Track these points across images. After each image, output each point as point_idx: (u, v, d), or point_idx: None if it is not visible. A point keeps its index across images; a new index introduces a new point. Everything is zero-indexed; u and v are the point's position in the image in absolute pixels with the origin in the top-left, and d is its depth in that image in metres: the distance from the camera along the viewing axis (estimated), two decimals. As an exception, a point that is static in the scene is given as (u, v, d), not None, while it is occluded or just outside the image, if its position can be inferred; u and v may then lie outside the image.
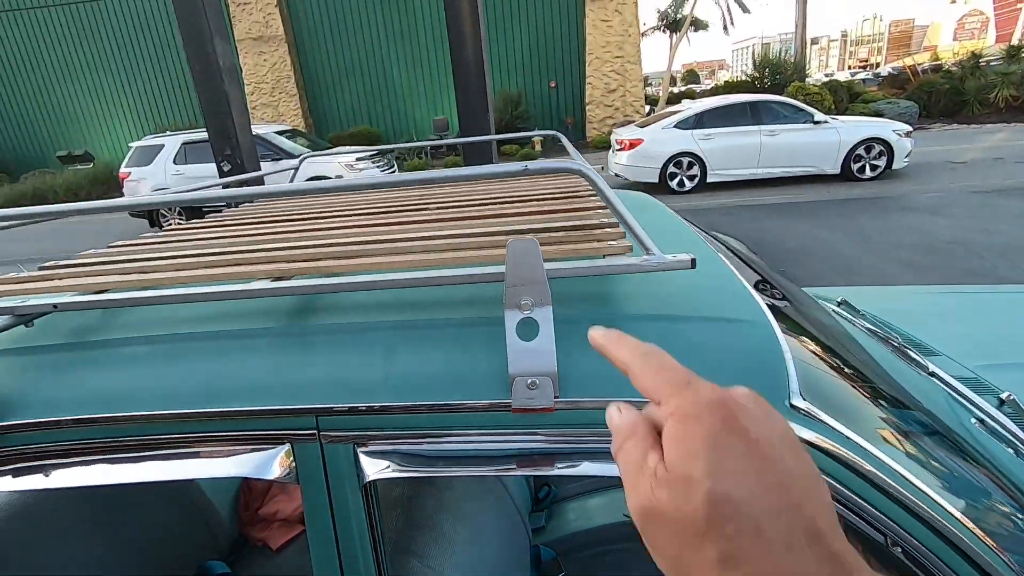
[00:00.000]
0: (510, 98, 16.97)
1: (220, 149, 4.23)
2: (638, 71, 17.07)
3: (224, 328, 0.75)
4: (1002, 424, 1.02)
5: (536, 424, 0.65)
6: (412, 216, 1.06)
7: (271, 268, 0.79)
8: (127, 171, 9.04)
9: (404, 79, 17.67)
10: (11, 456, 0.71)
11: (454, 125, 17.45)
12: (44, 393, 0.71)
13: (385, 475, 0.66)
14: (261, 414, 0.67)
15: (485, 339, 0.68)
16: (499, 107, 16.98)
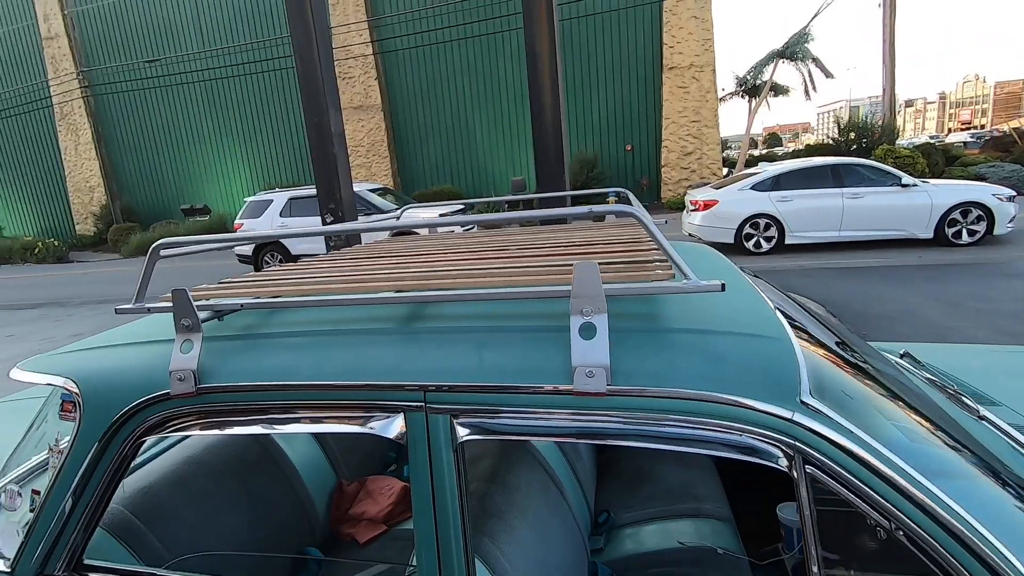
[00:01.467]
0: (586, 160, 17.51)
1: (326, 203, 4.78)
2: (715, 134, 17.19)
3: (357, 327, 1.00)
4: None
5: (591, 406, 0.84)
6: (495, 254, 1.30)
7: (393, 284, 1.04)
8: (240, 222, 10.15)
9: (485, 140, 18.71)
10: (209, 409, 0.97)
11: (531, 184, 18.20)
12: (232, 366, 0.98)
13: (473, 438, 0.86)
14: (383, 388, 0.90)
15: (552, 341, 0.88)
16: (575, 169, 17.56)
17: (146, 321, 1.30)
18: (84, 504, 1.03)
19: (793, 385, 0.80)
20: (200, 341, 0.99)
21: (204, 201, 20.52)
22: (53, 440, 1.13)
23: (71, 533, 1.04)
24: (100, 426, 1.02)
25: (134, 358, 1.07)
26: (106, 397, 1.03)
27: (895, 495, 0.75)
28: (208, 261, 14.18)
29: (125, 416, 1.01)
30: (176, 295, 0.99)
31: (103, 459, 1.02)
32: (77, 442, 1.04)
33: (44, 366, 1.14)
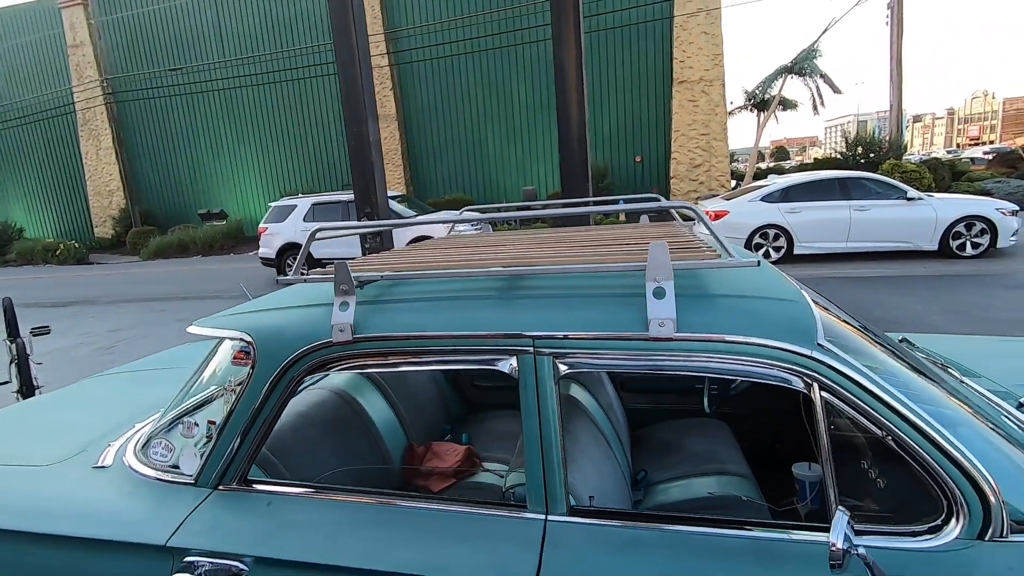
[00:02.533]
0: (597, 170, 17.81)
1: (362, 207, 5.11)
2: (723, 147, 17.49)
3: (471, 293, 1.30)
4: (1010, 414, 1.36)
5: (661, 348, 1.13)
6: (564, 244, 1.60)
7: (498, 262, 1.34)
8: (265, 226, 10.53)
9: (497, 151, 19.06)
10: (361, 352, 1.27)
11: (541, 194, 18.55)
12: (377, 321, 1.28)
13: (571, 372, 1.16)
14: (500, 337, 1.20)
15: (625, 303, 1.18)
16: (586, 179, 17.96)
17: (293, 290, 1.60)
18: (256, 430, 1.33)
19: (811, 332, 1.09)
20: (354, 302, 1.29)
21: (220, 206, 20.98)
22: (226, 381, 1.43)
23: (244, 454, 1.34)
24: (272, 369, 1.32)
25: (296, 317, 1.37)
26: (276, 346, 1.33)
27: (885, 410, 1.04)
28: (221, 265, 14.56)
29: (292, 360, 1.31)
30: (338, 267, 1.29)
31: (273, 394, 1.32)
32: (252, 382, 1.33)
33: (219, 323, 1.44)
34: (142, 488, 1.41)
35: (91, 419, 1.90)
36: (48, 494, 1.45)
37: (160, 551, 1.28)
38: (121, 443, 1.64)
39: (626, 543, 1.11)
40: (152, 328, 7.62)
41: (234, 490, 1.34)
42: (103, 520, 1.35)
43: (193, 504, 1.33)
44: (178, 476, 1.41)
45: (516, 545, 1.14)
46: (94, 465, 1.53)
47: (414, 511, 1.24)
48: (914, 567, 0.99)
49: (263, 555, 1.22)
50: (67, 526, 1.34)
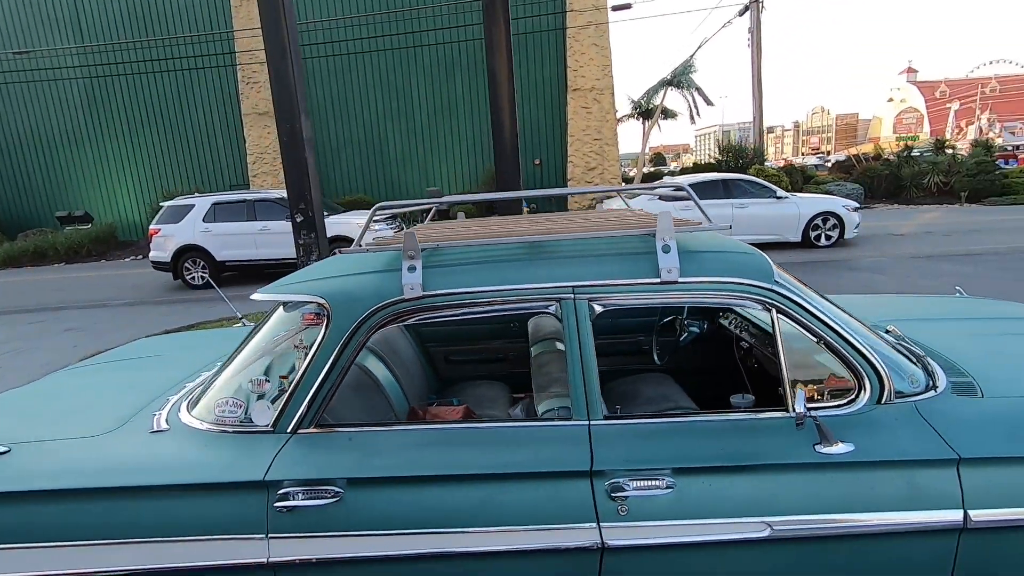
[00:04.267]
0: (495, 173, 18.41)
1: (296, 203, 5.11)
2: (615, 152, 18.80)
3: (513, 257, 1.62)
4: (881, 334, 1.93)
5: (670, 289, 1.53)
6: (567, 223, 1.96)
7: (524, 231, 1.67)
8: (157, 228, 9.80)
9: (399, 152, 18.97)
10: (427, 306, 1.54)
11: (445, 194, 18.75)
12: (439, 280, 1.57)
13: (603, 310, 1.52)
14: (547, 288, 1.54)
15: (640, 258, 1.57)
16: (488, 180, 18.43)
17: (336, 262, 1.80)
18: (331, 380, 1.54)
19: (771, 273, 1.55)
20: (420, 265, 1.55)
21: (83, 208, 18.85)
22: (298, 340, 1.61)
23: (320, 401, 1.54)
24: (346, 326, 1.54)
25: (364, 281, 1.60)
26: (350, 306, 1.55)
27: (818, 323, 1.51)
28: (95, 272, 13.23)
29: (366, 317, 1.54)
30: (407, 236, 1.55)
31: (347, 347, 1.54)
32: (327, 338, 1.54)
33: (288, 290, 1.63)
34: (217, 441, 1.56)
35: (100, 400, 1.95)
36: (123, 454, 1.55)
37: (257, 486, 1.45)
38: (167, 411, 1.75)
39: (647, 434, 1.49)
40: (35, 341, 6.89)
41: (312, 432, 1.55)
42: (194, 468, 1.49)
43: (276, 447, 1.52)
44: (251, 427, 1.57)
45: (571, 444, 1.48)
46: (151, 431, 1.64)
47: (480, 430, 1.53)
48: (841, 426, 1.47)
49: (357, 476, 1.45)
50: (161, 476, 1.47)
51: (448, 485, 1.45)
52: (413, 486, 1.45)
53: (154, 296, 9.35)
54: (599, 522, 1.42)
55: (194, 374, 2.11)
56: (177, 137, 18.91)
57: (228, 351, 2.43)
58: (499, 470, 1.44)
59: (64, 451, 1.59)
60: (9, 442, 1.63)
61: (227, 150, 19.17)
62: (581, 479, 1.44)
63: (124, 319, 7.75)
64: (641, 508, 1.42)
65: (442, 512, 1.43)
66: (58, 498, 1.46)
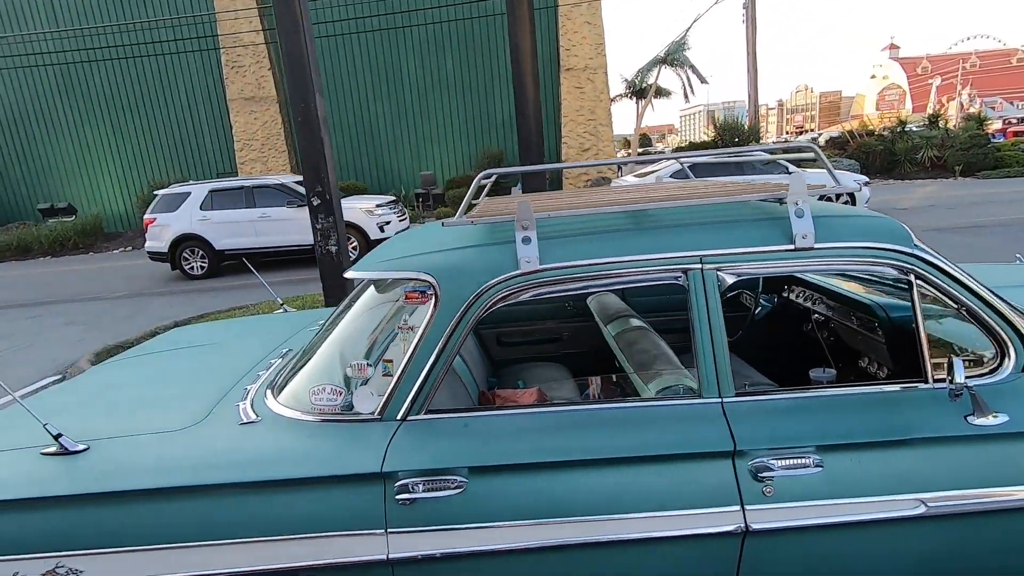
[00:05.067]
0: (492, 156, 18.18)
1: (312, 186, 4.93)
2: (609, 132, 18.63)
3: (632, 226, 1.51)
4: None
5: (805, 256, 1.43)
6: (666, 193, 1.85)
7: (636, 199, 1.56)
8: (152, 217, 9.50)
9: (389, 136, 18.62)
10: (545, 280, 1.43)
11: (440, 179, 18.47)
12: (554, 251, 1.45)
13: (734, 280, 1.42)
14: (672, 258, 1.43)
15: (766, 224, 1.47)
16: (482, 164, 18.18)
17: (436, 234, 1.68)
18: (441, 363, 1.43)
19: (909, 237, 1.45)
20: (535, 236, 1.44)
21: (66, 199, 18.31)
22: (402, 320, 1.49)
23: (430, 385, 1.43)
24: (457, 304, 1.43)
25: (473, 255, 1.48)
26: (460, 283, 1.44)
27: (960, 287, 1.43)
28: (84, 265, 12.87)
29: (479, 294, 1.43)
30: (522, 205, 1.43)
31: (458, 327, 1.43)
32: (436, 317, 1.43)
33: (387, 267, 1.51)
34: (320, 431, 1.45)
35: (168, 392, 1.82)
36: (218, 449, 1.43)
37: (373, 479, 1.35)
38: (250, 400, 1.62)
39: (785, 410, 1.41)
40: (36, 336, 6.66)
41: (423, 419, 1.44)
42: (302, 461, 1.37)
43: (387, 436, 1.41)
44: (356, 415, 1.46)
45: (706, 423, 1.39)
46: (241, 422, 1.52)
47: (605, 411, 1.43)
48: (988, 395, 1.40)
49: (481, 464, 1.35)
50: (269, 471, 1.35)
51: (578, 471, 1.36)
52: (541, 473, 1.36)
53: (152, 287, 9.09)
54: (743, 505, 1.33)
55: (261, 361, 1.98)
56: (160, 125, 18.37)
57: (282, 336, 2.31)
58: (635, 453, 1.34)
59: (151, 447, 1.47)
60: (85, 437, 1.50)
61: (213, 137, 18.68)
62: (722, 459, 1.35)
63: (126, 311, 7.52)
64: (787, 488, 1.34)
65: (574, 500, 1.34)
66: (157, 497, 1.34)
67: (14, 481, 1.40)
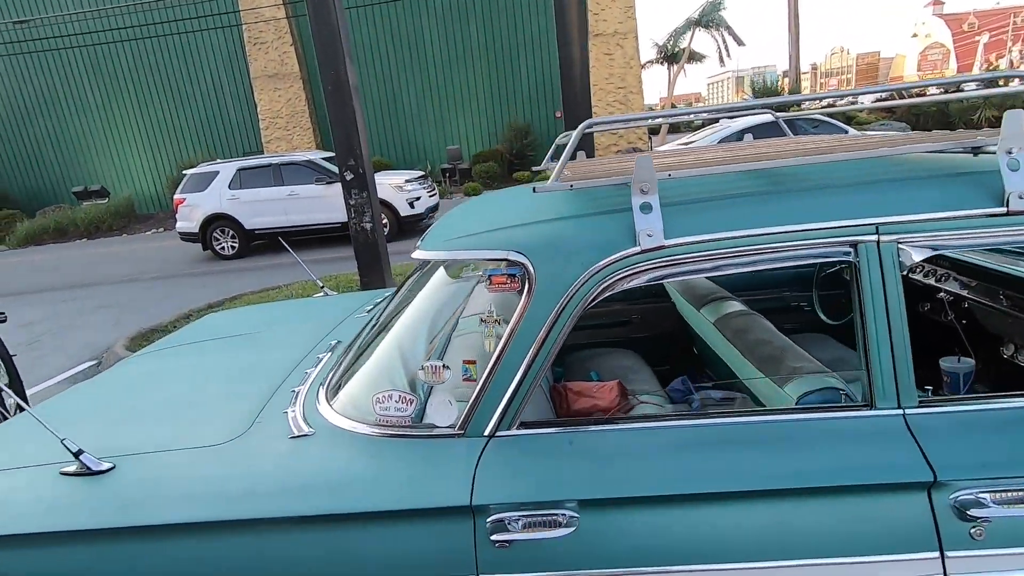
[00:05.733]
0: (519, 128, 17.65)
1: (344, 159, 4.65)
2: (639, 100, 17.90)
3: (778, 188, 1.17)
4: None
5: (1017, 223, 1.08)
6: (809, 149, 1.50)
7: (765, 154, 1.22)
8: (181, 197, 9.38)
9: (414, 110, 18.23)
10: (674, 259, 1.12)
11: (465, 154, 18.04)
12: (682, 224, 1.13)
13: (923, 256, 1.08)
14: (838, 227, 1.10)
15: (963, 180, 1.11)
16: (509, 137, 17.68)
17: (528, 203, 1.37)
18: (539, 364, 1.13)
19: None
20: (657, 202, 1.11)
21: (98, 182, 18.47)
22: (486, 312, 1.20)
23: (524, 391, 1.14)
24: (559, 290, 1.12)
25: (575, 228, 1.17)
26: (562, 264, 1.13)
27: None
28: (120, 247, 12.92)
29: (587, 278, 1.12)
30: (640, 162, 1.10)
31: (560, 319, 1.12)
32: (531, 308, 1.13)
33: (463, 244, 1.20)
34: (388, 449, 1.17)
35: (202, 394, 1.57)
36: (267, 470, 1.17)
37: (460, 513, 1.07)
38: (300, 407, 1.36)
39: (993, 425, 1.07)
40: (74, 318, 6.61)
41: (514, 435, 1.15)
42: (367, 488, 1.10)
43: (472, 456, 1.12)
44: (430, 430, 1.18)
45: (884, 442, 1.07)
46: (291, 435, 1.26)
47: (743, 426, 1.12)
48: None
49: (597, 496, 1.06)
50: (329, 501, 1.08)
51: (721, 504, 1.05)
52: (673, 507, 1.06)
53: (184, 269, 9.02)
54: (942, 551, 1.02)
55: (307, 356, 1.72)
56: (186, 104, 18.30)
57: (327, 325, 2.04)
58: (797, 484, 1.03)
59: (186, 467, 1.22)
60: (110, 453, 1.26)
61: (238, 116, 18.57)
62: (915, 492, 1.03)
63: (159, 293, 7.44)
64: (1004, 531, 1.02)
65: (721, 541, 1.04)
66: (193, 533, 1.09)
67: (27, 509, 1.16)
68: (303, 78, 17.79)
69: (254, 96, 17.83)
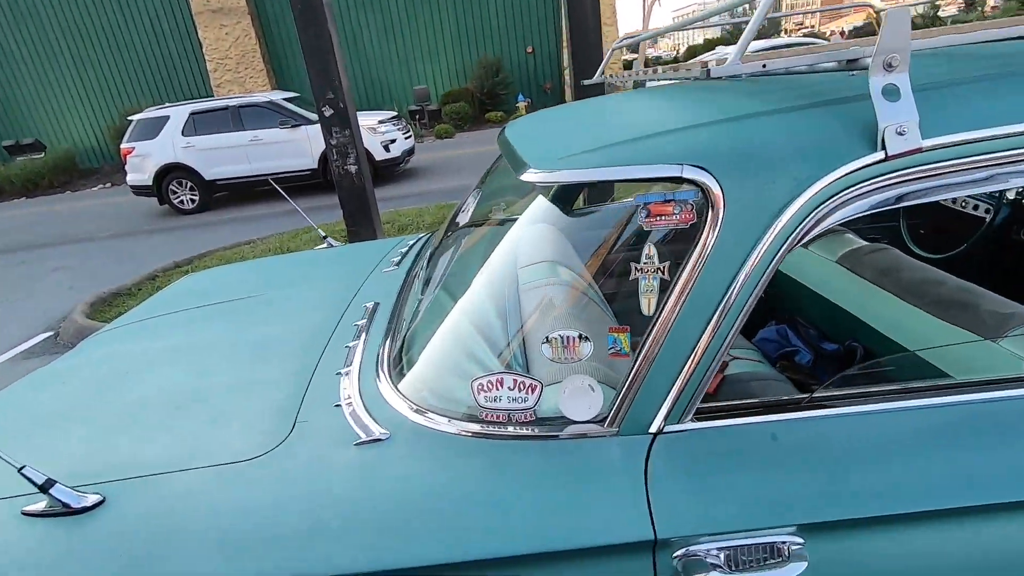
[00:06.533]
0: (489, 64, 16.75)
1: (322, 93, 4.06)
2: (614, 33, 17.08)
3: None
4: None
5: None
6: None
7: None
8: (130, 146, 8.49)
9: (377, 50, 17.13)
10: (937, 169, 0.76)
11: (434, 95, 17.07)
12: (942, 116, 0.77)
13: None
14: None
15: None
16: (479, 74, 16.74)
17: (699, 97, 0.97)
18: (726, 326, 0.78)
19: None
20: (908, 84, 0.74)
21: (32, 135, 16.92)
22: (644, 257, 0.83)
23: (706, 368, 0.79)
24: (759, 219, 0.76)
25: (779, 129, 0.79)
26: (762, 182, 0.76)
27: None
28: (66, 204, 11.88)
29: (802, 202, 0.75)
30: (894, 16, 0.72)
31: (759, 265, 0.77)
32: (718, 247, 0.76)
33: (600, 159, 0.82)
34: (508, 455, 0.82)
35: (211, 383, 1.18)
36: (333, 499, 0.80)
37: (637, 551, 0.74)
38: (358, 400, 0.98)
39: None
40: (21, 284, 5.94)
41: (691, 429, 0.81)
42: (496, 522, 0.75)
43: (636, 463, 0.78)
44: (559, 426, 0.83)
45: None
46: (357, 442, 0.89)
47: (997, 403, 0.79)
48: None
49: (831, 518, 0.74)
50: (437, 549, 0.73)
51: (1008, 516, 0.75)
52: (951, 522, 0.75)
53: (142, 226, 8.26)
54: None
55: (336, 326, 1.32)
56: (123, 47, 16.66)
57: (347, 283, 1.64)
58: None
59: (214, 494, 0.85)
60: (95, 479, 0.88)
61: (182, 58, 17.06)
62: None
63: (116, 254, 6.77)
64: None
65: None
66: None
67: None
68: (251, 13, 16.31)
69: (198, 35, 16.32)
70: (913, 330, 1.18)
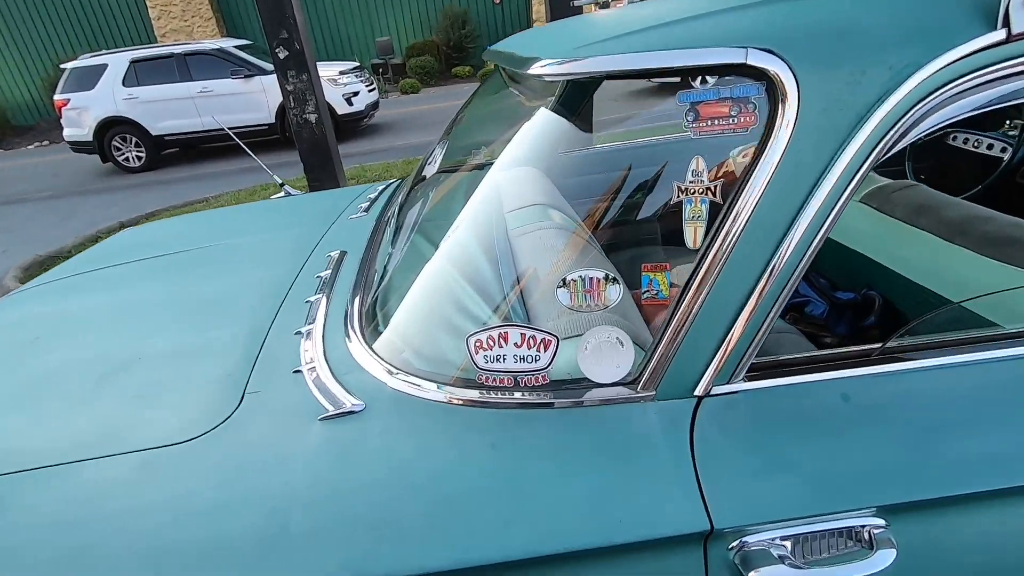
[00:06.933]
0: (455, 15, 16.04)
1: (275, 32, 3.69)
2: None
3: None
4: None
5: None
6: None
7: None
8: (64, 98, 7.77)
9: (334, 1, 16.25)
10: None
11: (397, 47, 16.30)
12: None
13: None
14: None
15: None
16: (445, 26, 16.01)
17: None
18: (795, 257, 0.61)
19: None
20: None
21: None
22: (689, 174, 0.64)
23: (767, 314, 0.63)
24: (843, 119, 0.58)
25: (858, 5, 0.60)
26: (850, 70, 0.58)
27: None
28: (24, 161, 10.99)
29: (902, 94, 0.58)
30: None
31: (844, 175, 0.59)
32: (789, 154, 0.59)
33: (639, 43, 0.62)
34: (510, 431, 0.65)
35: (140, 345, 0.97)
36: (292, 490, 0.62)
37: (686, 544, 0.58)
38: (320, 366, 0.79)
39: None
40: (-54, 248, 5.42)
41: (744, 390, 0.65)
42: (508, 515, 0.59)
43: (679, 434, 0.62)
44: (579, 391, 0.66)
45: None
46: (323, 415, 0.70)
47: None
48: None
49: (924, 496, 0.59)
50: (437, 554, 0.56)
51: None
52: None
53: (84, 185, 7.65)
54: None
55: (295, 278, 1.12)
56: (53, -8, 15.27)
57: (307, 231, 1.42)
58: None
59: (142, 488, 0.65)
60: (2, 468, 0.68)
61: (121, 5, 15.79)
62: None
63: (55, 215, 6.26)
64: None
65: None
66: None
67: None
68: (196, -46, 15.12)
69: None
70: (957, 272, 1.05)
